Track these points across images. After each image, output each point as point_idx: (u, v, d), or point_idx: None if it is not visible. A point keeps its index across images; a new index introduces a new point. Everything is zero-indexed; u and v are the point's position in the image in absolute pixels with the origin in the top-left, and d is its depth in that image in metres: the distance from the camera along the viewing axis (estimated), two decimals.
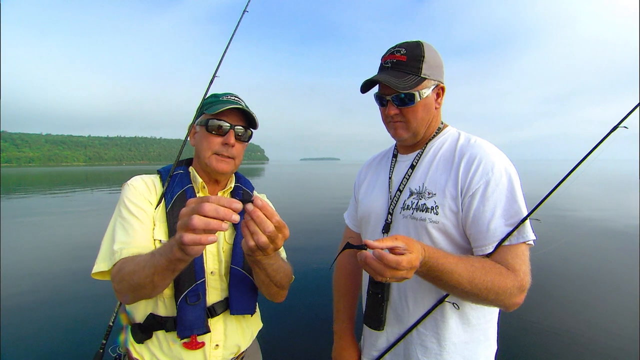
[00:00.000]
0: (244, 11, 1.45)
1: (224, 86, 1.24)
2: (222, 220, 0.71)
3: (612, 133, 0.86)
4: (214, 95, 1.19)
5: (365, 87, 1.11)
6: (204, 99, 1.20)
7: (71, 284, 4.69)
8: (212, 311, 1.08)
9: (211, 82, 1.24)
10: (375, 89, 1.13)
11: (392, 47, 1.09)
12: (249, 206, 0.77)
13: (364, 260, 0.77)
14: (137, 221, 1.03)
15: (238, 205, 0.73)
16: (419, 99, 1.05)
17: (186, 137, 1.20)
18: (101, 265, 1.00)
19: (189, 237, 0.70)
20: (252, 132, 1.20)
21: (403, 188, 1.12)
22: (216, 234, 0.74)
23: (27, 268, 5.46)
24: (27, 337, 3.33)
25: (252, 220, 0.79)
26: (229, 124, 1.12)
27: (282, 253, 1.25)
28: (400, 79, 1.03)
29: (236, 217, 0.72)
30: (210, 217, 0.70)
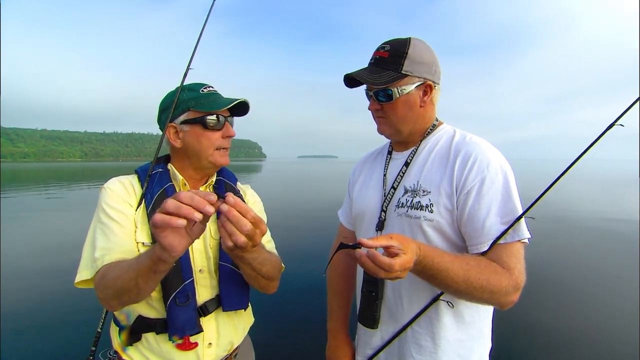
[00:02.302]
0: None
1: (194, 77, 1.17)
2: (196, 209, 0.71)
3: (608, 131, 0.85)
4: (189, 90, 1.12)
5: (350, 82, 1.10)
6: (178, 94, 1.12)
7: (59, 289, 4.51)
8: (205, 310, 1.06)
9: (185, 74, 1.18)
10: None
11: (381, 44, 1.08)
12: (224, 207, 0.76)
13: (360, 259, 0.77)
14: (117, 225, 1.00)
15: (213, 197, 0.73)
16: (397, 95, 1.04)
17: (163, 136, 1.14)
18: (83, 274, 0.98)
19: (158, 216, 0.71)
20: (233, 119, 1.18)
21: (397, 185, 1.11)
22: (203, 226, 0.75)
23: (16, 269, 5.33)
24: (12, 346, 3.20)
25: (228, 221, 0.77)
26: (224, 117, 1.10)
27: (270, 244, 1.24)
28: (376, 75, 1.03)
29: (210, 209, 0.72)
30: (185, 204, 0.71)
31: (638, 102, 0.87)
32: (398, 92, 1.03)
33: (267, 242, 1.23)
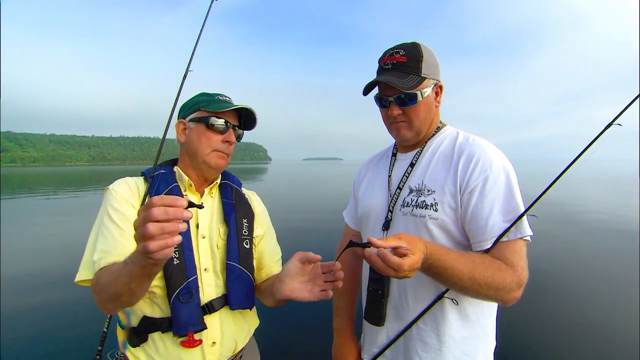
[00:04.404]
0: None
1: (199, 81, 1.22)
2: (175, 220, 0.70)
3: (606, 130, 0.87)
4: (206, 95, 1.18)
5: (368, 89, 1.12)
6: (197, 96, 1.19)
7: (66, 289, 4.53)
8: (210, 307, 1.08)
9: (185, 76, 1.21)
10: (375, 90, 1.14)
11: (390, 49, 1.10)
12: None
13: (369, 257, 0.79)
14: (118, 229, 1.01)
15: (183, 202, 0.71)
16: (420, 98, 1.07)
17: (164, 135, 1.18)
18: (82, 273, 1.00)
19: (154, 244, 0.69)
20: (242, 133, 1.24)
21: (403, 186, 1.13)
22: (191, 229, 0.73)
23: (23, 272, 5.37)
24: (20, 345, 3.23)
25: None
26: (229, 123, 1.15)
27: (279, 263, 1.29)
28: (402, 79, 1.05)
29: (188, 214, 0.71)
30: (163, 221, 0.69)
31: (637, 101, 0.89)
32: (421, 95, 1.06)
33: (277, 261, 1.29)
